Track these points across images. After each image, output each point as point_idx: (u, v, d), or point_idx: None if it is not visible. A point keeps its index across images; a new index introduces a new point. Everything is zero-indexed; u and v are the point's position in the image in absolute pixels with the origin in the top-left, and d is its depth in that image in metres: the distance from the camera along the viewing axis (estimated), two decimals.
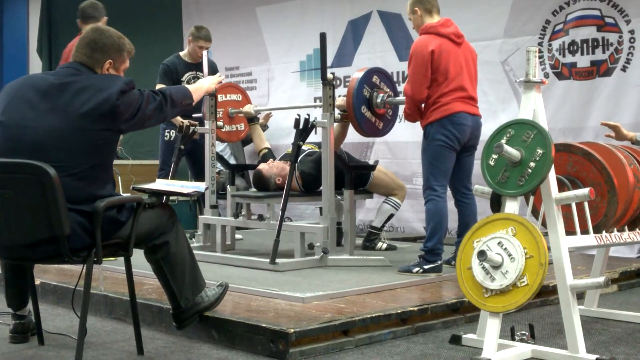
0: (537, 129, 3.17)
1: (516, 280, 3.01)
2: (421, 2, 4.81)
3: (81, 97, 3.04)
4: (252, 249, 5.77)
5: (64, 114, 3.02)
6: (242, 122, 6.18)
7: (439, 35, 4.67)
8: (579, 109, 6.06)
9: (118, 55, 3.28)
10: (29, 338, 3.52)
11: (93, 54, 3.22)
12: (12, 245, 3.02)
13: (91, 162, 3.04)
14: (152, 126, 3.49)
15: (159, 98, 3.26)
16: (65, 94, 3.06)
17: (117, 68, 3.29)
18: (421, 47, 4.64)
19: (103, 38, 3.25)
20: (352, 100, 5.07)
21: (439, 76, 4.62)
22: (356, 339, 3.46)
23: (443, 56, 4.62)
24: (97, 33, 3.27)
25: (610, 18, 5.90)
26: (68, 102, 3.04)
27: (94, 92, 3.05)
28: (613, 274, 4.80)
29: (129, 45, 3.34)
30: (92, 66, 3.21)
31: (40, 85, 3.12)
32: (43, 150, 2.97)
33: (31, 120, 3.03)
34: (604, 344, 3.48)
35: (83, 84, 3.08)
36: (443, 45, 4.64)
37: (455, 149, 4.67)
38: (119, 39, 3.30)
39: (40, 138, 3.00)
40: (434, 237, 4.61)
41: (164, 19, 9.07)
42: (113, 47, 3.26)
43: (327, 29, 6.69)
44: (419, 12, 4.81)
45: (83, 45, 3.24)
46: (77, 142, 3.00)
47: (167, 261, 3.31)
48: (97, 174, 3.08)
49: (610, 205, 3.45)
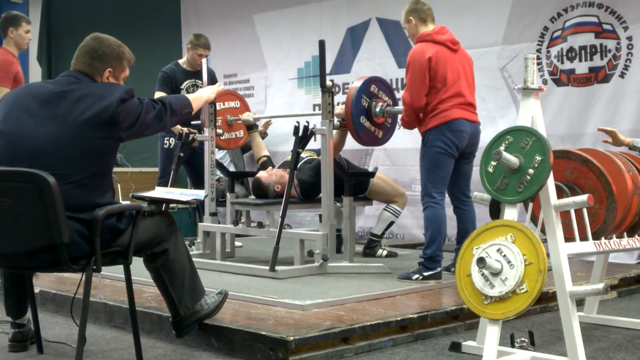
0: (535, 136, 3.17)
1: (515, 287, 3.00)
2: (416, 11, 4.83)
3: (81, 105, 3.04)
4: (251, 257, 5.76)
5: (64, 122, 3.02)
6: (241, 129, 6.18)
7: (435, 43, 4.68)
8: (578, 116, 6.06)
9: (118, 63, 3.28)
10: (28, 347, 3.51)
11: (93, 62, 3.22)
12: (12, 253, 3.02)
13: (91, 170, 3.04)
14: (152, 134, 3.49)
15: (158, 107, 3.26)
16: (65, 102, 3.06)
17: (117, 76, 3.29)
18: (418, 54, 4.65)
19: (102, 46, 3.25)
20: (351, 110, 5.07)
21: (437, 83, 4.62)
22: (356, 346, 3.46)
23: (440, 63, 4.62)
24: (96, 42, 3.28)
25: (608, 25, 5.91)
26: (68, 110, 3.04)
27: (94, 100, 3.06)
28: (612, 280, 4.80)
29: (128, 54, 3.34)
30: (91, 75, 3.22)
31: (40, 93, 3.12)
32: (42, 158, 2.97)
33: (31, 128, 3.03)
34: (604, 351, 3.47)
35: (83, 92, 3.09)
36: (440, 52, 4.65)
37: (453, 156, 4.67)
38: (118, 47, 3.30)
39: (40, 146, 3.00)
40: (433, 244, 4.61)
41: (163, 27, 9.08)
42: (113, 56, 3.26)
43: (326, 36, 6.70)
44: (414, 22, 4.82)
45: (83, 53, 3.25)
46: (76, 150, 3.00)
47: (166, 269, 3.31)
48: (97, 182, 3.07)
49: (609, 212, 3.45)
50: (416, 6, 4.84)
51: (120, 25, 9.16)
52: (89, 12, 9.52)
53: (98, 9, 9.48)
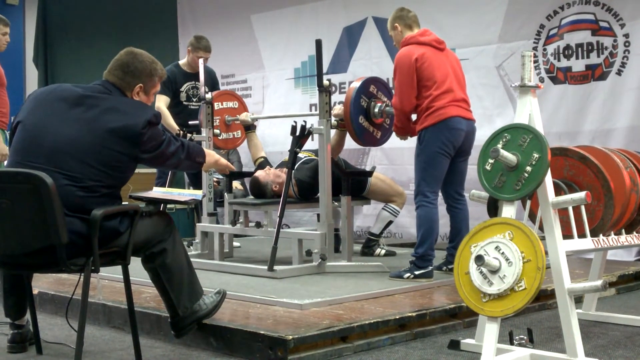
0: (533, 133, 3.17)
1: (514, 285, 3.01)
2: (401, 18, 4.87)
3: (109, 116, 3.09)
4: (249, 256, 5.76)
5: (88, 127, 3.06)
6: (238, 130, 6.18)
7: (420, 44, 4.70)
8: (575, 113, 6.07)
9: (149, 79, 3.33)
10: (27, 348, 3.51)
11: (125, 77, 3.27)
12: (10, 254, 3.02)
13: (103, 181, 3.06)
14: (164, 168, 3.50)
15: (178, 144, 3.32)
16: (94, 109, 3.11)
17: (148, 91, 3.34)
18: (404, 57, 4.66)
19: (135, 62, 3.29)
20: (350, 110, 5.08)
21: (426, 82, 4.62)
22: (355, 345, 3.46)
23: (427, 62, 4.63)
24: (130, 56, 3.31)
25: (604, 22, 5.91)
26: (95, 117, 3.08)
27: (123, 114, 3.11)
28: (611, 277, 4.80)
29: (160, 70, 3.39)
30: (123, 88, 3.27)
31: (69, 95, 3.17)
32: (59, 157, 3.01)
33: (54, 126, 3.08)
34: (603, 348, 3.48)
35: (113, 104, 3.14)
36: (426, 52, 4.66)
37: (449, 155, 4.66)
38: (151, 63, 3.34)
39: (60, 145, 3.03)
40: (425, 243, 4.62)
41: (159, 28, 9.07)
42: (145, 72, 3.31)
43: (322, 35, 6.66)
44: (399, 28, 4.86)
45: (116, 67, 3.29)
46: (94, 157, 3.03)
47: (164, 269, 3.31)
48: (107, 192, 3.09)
49: (607, 209, 3.46)
50: (401, 13, 4.90)
51: (116, 27, 9.17)
52: (85, 14, 9.50)
53: (94, 11, 9.47)
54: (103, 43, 8.78)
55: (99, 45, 8.86)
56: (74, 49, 9.39)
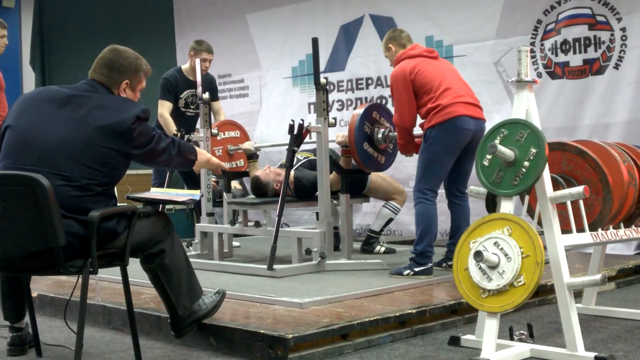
0: (530, 128, 3.17)
1: (513, 280, 3.01)
2: (394, 39, 4.94)
3: (98, 113, 3.09)
4: (249, 256, 5.76)
5: (78, 126, 3.06)
6: (241, 158, 6.24)
7: (411, 58, 4.75)
8: (573, 108, 6.06)
9: (134, 75, 3.33)
10: (27, 350, 3.50)
11: (110, 74, 3.27)
12: (8, 257, 3.01)
13: (96, 179, 3.05)
14: (156, 166, 3.50)
15: (168, 140, 3.32)
16: (82, 108, 3.11)
17: (134, 88, 3.35)
18: (398, 73, 4.71)
19: (120, 59, 3.30)
20: (354, 138, 5.10)
21: (425, 87, 4.63)
22: (355, 342, 3.45)
23: (421, 70, 4.66)
24: (114, 54, 3.32)
25: (601, 16, 5.91)
26: (84, 116, 3.08)
27: (111, 111, 3.11)
28: (610, 271, 4.80)
29: (145, 66, 3.39)
30: (109, 86, 3.27)
31: (57, 96, 3.17)
32: (51, 158, 3.00)
33: (44, 127, 3.07)
34: (603, 342, 3.47)
35: (100, 102, 3.14)
36: (418, 63, 4.70)
37: (454, 155, 4.64)
38: (135, 59, 3.35)
39: (51, 145, 3.03)
40: (424, 240, 4.61)
41: (156, 29, 9.04)
42: (130, 68, 3.31)
43: (319, 34, 6.69)
44: (394, 49, 4.92)
45: (101, 65, 3.30)
46: (86, 155, 3.03)
47: (163, 270, 3.31)
48: (101, 190, 3.09)
49: (606, 203, 3.45)
50: (394, 34, 4.98)
51: (113, 28, 9.15)
52: (81, 16, 9.49)
53: (91, 13, 9.46)
54: (100, 45, 8.64)
55: (96, 47, 8.72)
56: (71, 51, 9.37)
